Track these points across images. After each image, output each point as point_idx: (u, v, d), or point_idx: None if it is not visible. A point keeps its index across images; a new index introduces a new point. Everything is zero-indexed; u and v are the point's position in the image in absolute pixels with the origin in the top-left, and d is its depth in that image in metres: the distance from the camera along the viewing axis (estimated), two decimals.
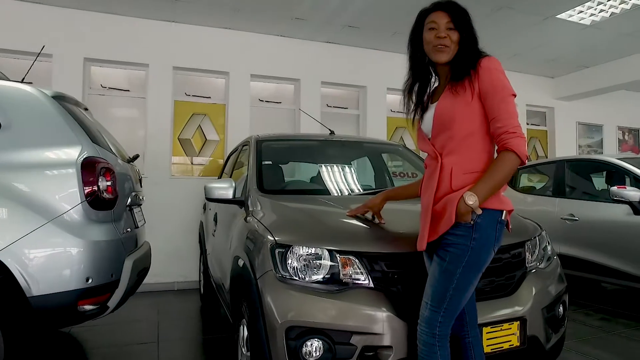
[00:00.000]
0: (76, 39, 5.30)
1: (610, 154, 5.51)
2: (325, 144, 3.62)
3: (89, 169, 2.49)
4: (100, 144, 2.79)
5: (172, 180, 5.69)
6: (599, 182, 4.92)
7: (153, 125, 5.63)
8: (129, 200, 3.02)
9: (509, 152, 1.62)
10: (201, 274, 4.91)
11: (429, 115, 1.84)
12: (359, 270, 1.93)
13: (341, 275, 1.92)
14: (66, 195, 2.42)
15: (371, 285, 1.91)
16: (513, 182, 5.56)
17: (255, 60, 6.12)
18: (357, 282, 1.92)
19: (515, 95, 1.71)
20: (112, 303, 2.64)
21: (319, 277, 1.93)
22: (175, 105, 5.87)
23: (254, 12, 5.44)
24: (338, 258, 1.94)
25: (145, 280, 4.50)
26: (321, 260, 1.94)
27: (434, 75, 1.93)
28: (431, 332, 1.69)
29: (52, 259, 2.34)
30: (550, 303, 2.19)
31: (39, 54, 3.38)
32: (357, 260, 1.94)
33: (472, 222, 1.63)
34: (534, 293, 2.11)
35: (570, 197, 4.84)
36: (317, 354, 1.82)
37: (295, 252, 1.97)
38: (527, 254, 2.24)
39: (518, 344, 2.00)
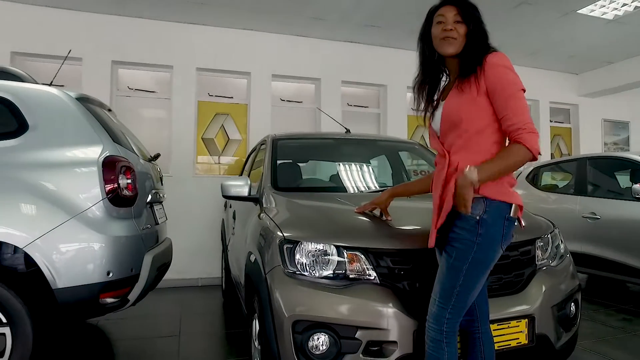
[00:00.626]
0: (104, 43, 5.49)
1: (635, 151, 5.35)
2: (341, 143, 3.66)
3: (110, 167, 2.60)
4: (121, 143, 2.90)
5: (195, 178, 5.82)
6: (624, 180, 4.79)
7: (177, 125, 5.78)
8: (150, 197, 3.13)
9: (520, 145, 1.60)
10: (223, 271, 5.01)
11: (439, 113, 1.84)
12: (365, 266, 1.96)
13: (348, 271, 1.96)
14: (88, 192, 2.54)
15: (377, 281, 1.93)
16: (535, 180, 5.47)
17: (276, 60, 6.20)
18: (363, 278, 1.94)
19: (524, 90, 1.68)
20: (132, 296, 2.74)
21: (326, 272, 1.96)
22: (198, 105, 6.01)
23: (272, 13, 5.52)
24: (345, 254, 1.97)
25: (170, 277, 4.64)
26: (328, 256, 1.98)
27: (444, 73, 1.92)
28: (439, 328, 1.70)
29: (75, 253, 2.46)
30: (561, 301, 2.16)
31: (66, 57, 3.53)
32: (363, 257, 1.97)
33: (477, 218, 1.64)
34: (543, 290, 2.09)
35: (591, 195, 4.73)
36: (323, 347, 1.86)
37: (303, 248, 2.01)
38: (537, 251, 2.22)
39: (526, 342, 1.99)
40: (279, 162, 3.16)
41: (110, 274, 2.52)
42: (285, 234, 2.09)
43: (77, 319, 3.55)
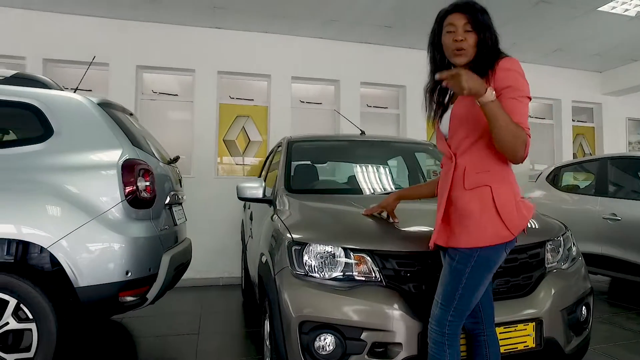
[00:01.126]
0: (129, 48, 5.67)
1: None
2: (355, 145, 3.68)
3: (129, 170, 2.70)
4: (141, 147, 3.00)
5: (217, 180, 5.93)
6: None
7: (199, 127, 5.92)
8: (168, 199, 3.22)
9: (524, 132, 1.58)
10: (243, 270, 5.10)
11: (447, 116, 1.85)
12: (372, 268, 1.98)
13: (354, 272, 1.98)
14: (108, 194, 2.64)
15: (383, 283, 1.96)
16: (555, 181, 5.37)
17: (296, 63, 6.27)
18: (369, 279, 1.97)
19: (530, 99, 1.68)
20: (150, 295, 2.83)
21: (333, 274, 2.00)
22: (220, 107, 6.14)
23: (290, 16, 5.59)
24: (352, 256, 2.00)
25: (193, 276, 4.75)
26: (335, 258, 2.01)
27: None
28: (441, 330, 1.71)
29: (95, 253, 2.56)
30: (571, 304, 2.14)
31: (91, 63, 3.66)
32: (370, 259, 1.99)
33: None
34: (552, 293, 2.07)
35: (612, 195, 4.62)
36: (329, 348, 1.89)
37: (311, 249, 2.04)
38: (547, 254, 2.20)
39: (533, 345, 1.97)
40: (293, 164, 3.20)
41: (129, 274, 2.62)
42: (293, 236, 2.13)
43: (98, 316, 3.68)
